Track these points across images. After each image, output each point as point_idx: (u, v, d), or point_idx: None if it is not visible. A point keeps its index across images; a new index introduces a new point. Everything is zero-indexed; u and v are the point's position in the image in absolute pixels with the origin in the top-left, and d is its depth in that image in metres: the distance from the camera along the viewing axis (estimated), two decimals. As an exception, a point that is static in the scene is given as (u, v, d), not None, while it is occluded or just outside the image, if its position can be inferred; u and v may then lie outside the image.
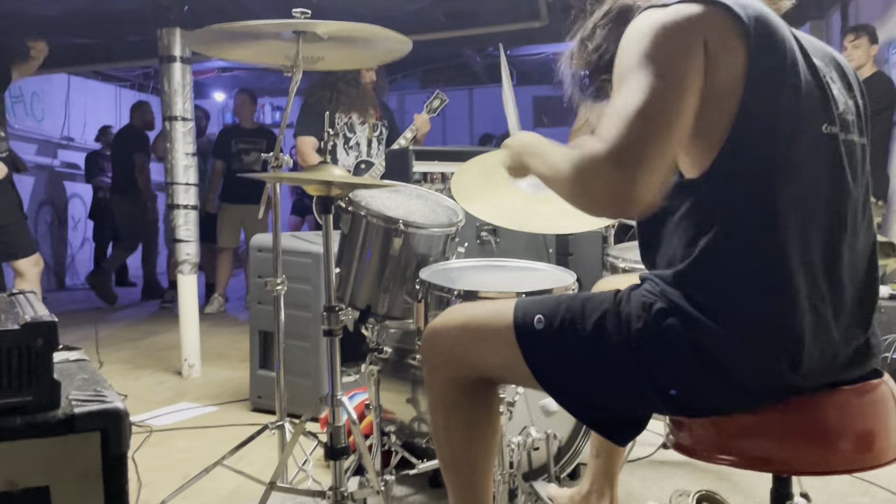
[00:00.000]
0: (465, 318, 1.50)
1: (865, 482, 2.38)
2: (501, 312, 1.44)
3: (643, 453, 2.58)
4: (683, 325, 1.22)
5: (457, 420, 1.54)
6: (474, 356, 1.47)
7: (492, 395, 1.57)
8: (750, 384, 1.22)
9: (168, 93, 3.98)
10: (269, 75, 8.11)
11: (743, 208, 1.21)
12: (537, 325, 1.37)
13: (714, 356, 1.21)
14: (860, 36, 4.47)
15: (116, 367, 4.28)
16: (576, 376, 1.36)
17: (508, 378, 1.54)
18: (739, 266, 1.21)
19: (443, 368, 1.52)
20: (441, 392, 1.54)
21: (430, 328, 1.55)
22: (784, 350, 1.20)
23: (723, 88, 1.20)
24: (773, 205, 1.20)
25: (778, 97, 1.21)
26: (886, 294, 3.46)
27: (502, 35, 5.44)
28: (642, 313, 1.27)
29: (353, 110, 4.03)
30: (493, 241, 3.28)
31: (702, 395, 1.25)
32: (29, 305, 1.48)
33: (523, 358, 1.38)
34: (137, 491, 2.25)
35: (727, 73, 1.20)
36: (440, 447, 1.60)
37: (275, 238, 2.29)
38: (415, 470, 2.15)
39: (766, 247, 1.21)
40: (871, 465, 1.24)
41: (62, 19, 5.19)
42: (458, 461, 1.57)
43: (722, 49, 1.20)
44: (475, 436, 1.55)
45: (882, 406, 1.27)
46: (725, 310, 1.21)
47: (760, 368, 1.21)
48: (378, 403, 2.20)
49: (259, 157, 6.28)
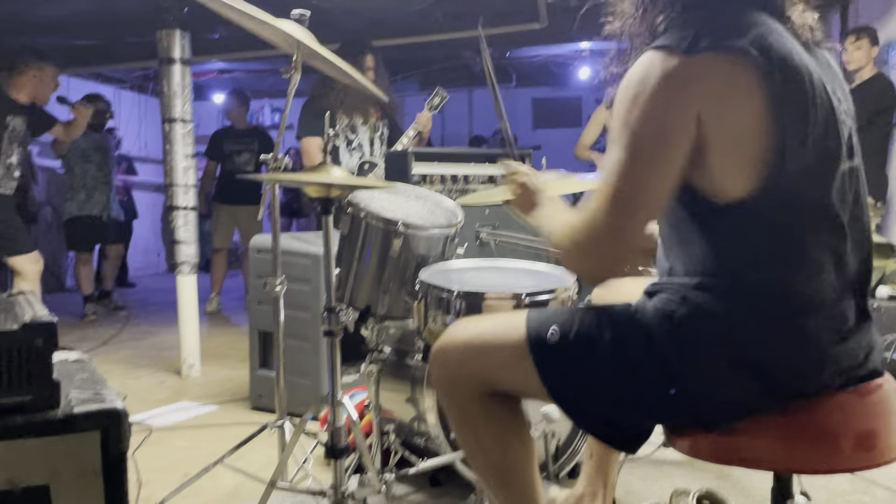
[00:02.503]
0: (470, 334, 1.48)
1: (866, 481, 2.38)
2: (511, 326, 1.43)
3: (643, 452, 2.57)
4: (712, 327, 1.24)
5: (486, 431, 1.49)
6: (485, 372, 1.45)
7: (511, 398, 1.52)
8: (782, 381, 1.23)
9: (167, 94, 3.98)
10: (268, 77, 8.11)
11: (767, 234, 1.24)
12: (551, 338, 1.36)
13: (746, 353, 1.23)
14: (861, 38, 4.48)
15: (116, 366, 4.28)
16: (590, 390, 1.35)
17: (519, 391, 1.49)
18: (766, 274, 1.24)
19: (456, 388, 1.49)
20: (461, 410, 1.50)
21: (437, 348, 1.52)
22: (812, 346, 1.23)
23: (741, 135, 1.20)
24: (802, 233, 1.24)
25: (805, 142, 1.21)
26: (886, 294, 3.47)
27: (502, 37, 5.45)
28: (664, 322, 1.28)
29: (355, 111, 4.02)
30: (492, 243, 3.28)
31: (731, 399, 1.25)
32: (29, 306, 1.48)
33: (537, 371, 1.37)
34: (137, 490, 2.24)
35: (743, 123, 1.20)
36: (479, 465, 1.54)
37: (274, 239, 2.29)
38: (414, 469, 2.15)
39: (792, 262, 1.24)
40: (872, 464, 1.25)
41: (62, 21, 5.19)
42: (502, 473, 1.51)
43: (732, 101, 1.20)
44: (510, 440, 1.50)
45: (883, 406, 1.27)
46: (753, 308, 1.23)
47: (792, 363, 1.23)
48: (378, 403, 2.21)
49: (251, 158, 6.32)
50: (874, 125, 4.35)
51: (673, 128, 1.21)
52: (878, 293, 3.50)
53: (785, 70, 1.21)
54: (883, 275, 3.62)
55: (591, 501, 1.94)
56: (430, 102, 3.93)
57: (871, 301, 3.35)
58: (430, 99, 3.93)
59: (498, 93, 1.85)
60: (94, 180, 6.23)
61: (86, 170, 6.20)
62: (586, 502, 1.94)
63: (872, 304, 3.24)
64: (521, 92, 9.08)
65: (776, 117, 1.19)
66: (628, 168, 1.23)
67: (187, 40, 4.02)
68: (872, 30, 4.54)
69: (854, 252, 1.29)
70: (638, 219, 1.25)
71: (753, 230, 1.24)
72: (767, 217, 1.23)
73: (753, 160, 1.20)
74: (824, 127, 1.24)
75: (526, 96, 10.17)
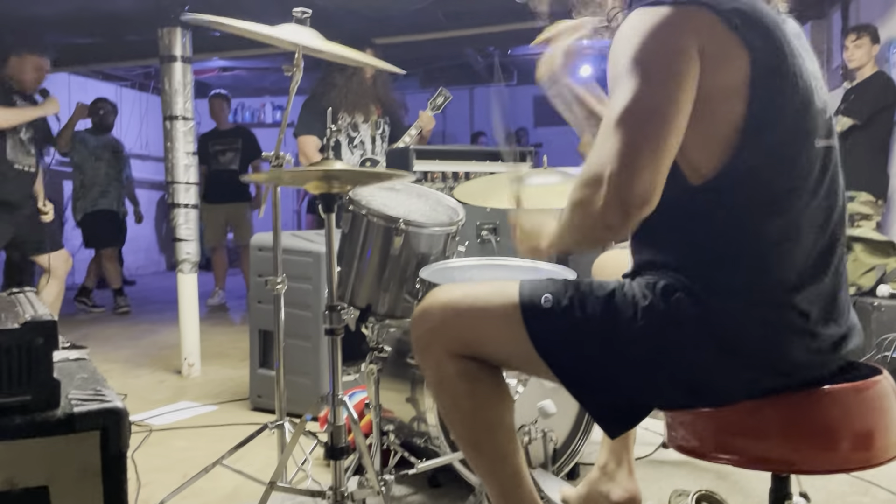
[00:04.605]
0: (455, 296, 1.47)
1: (865, 482, 2.38)
2: (502, 291, 1.42)
3: (643, 453, 2.58)
4: (689, 299, 1.25)
5: (462, 391, 1.46)
6: (468, 334, 1.43)
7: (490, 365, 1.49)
8: (760, 356, 1.24)
9: (169, 92, 3.99)
10: (270, 75, 8.10)
11: (743, 212, 1.24)
12: (545, 303, 1.36)
13: (725, 330, 1.23)
14: (862, 36, 4.48)
15: (116, 366, 4.28)
16: (582, 354, 1.34)
17: (504, 357, 1.46)
18: (741, 253, 1.25)
19: (435, 345, 1.46)
20: (438, 369, 1.47)
21: (418, 310, 1.51)
22: (789, 320, 1.23)
23: (723, 94, 1.21)
24: (775, 214, 1.23)
25: (783, 112, 1.23)
26: (887, 293, 3.46)
27: (502, 35, 5.44)
28: (647, 292, 1.29)
29: (357, 109, 4.02)
30: (493, 241, 3.28)
31: (711, 375, 1.26)
32: (29, 304, 1.48)
33: (528, 335, 1.36)
34: (137, 490, 2.24)
35: (727, 80, 1.21)
36: (455, 428, 1.52)
37: (275, 237, 2.29)
38: (414, 469, 2.15)
39: (769, 246, 1.24)
40: (871, 463, 1.25)
41: (63, 18, 5.19)
42: (477, 436, 1.49)
43: (721, 56, 1.20)
44: (486, 402, 1.47)
45: (881, 404, 1.27)
46: (729, 286, 1.24)
47: (769, 338, 1.23)
48: (378, 403, 2.20)
49: (235, 157, 6.42)
50: (875, 123, 4.35)
51: (680, 50, 1.20)
52: (878, 291, 3.49)
53: (768, 38, 1.22)
54: (884, 273, 3.62)
55: (616, 467, 1.94)
56: (432, 102, 3.93)
57: (872, 299, 3.38)
58: (432, 99, 3.92)
59: (508, 142, 1.84)
60: (107, 177, 6.32)
61: (97, 167, 6.28)
62: (611, 468, 1.94)
63: (873, 303, 3.26)
64: (523, 90, 9.06)
65: (757, 83, 1.20)
66: (644, 91, 1.18)
67: (188, 38, 4.02)
68: (873, 28, 4.54)
69: (825, 234, 1.29)
70: (659, 146, 1.16)
71: (723, 211, 1.25)
72: (736, 197, 1.23)
73: (729, 128, 1.21)
74: (802, 102, 1.25)
75: (527, 94, 10.15)
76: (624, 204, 1.16)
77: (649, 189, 1.16)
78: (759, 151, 1.22)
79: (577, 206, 1.24)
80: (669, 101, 1.18)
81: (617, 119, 1.19)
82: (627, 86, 1.19)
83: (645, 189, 1.15)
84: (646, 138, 1.17)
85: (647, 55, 1.20)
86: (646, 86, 1.18)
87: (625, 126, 1.18)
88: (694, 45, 1.20)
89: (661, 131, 1.17)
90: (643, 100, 1.18)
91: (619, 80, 1.21)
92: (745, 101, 1.21)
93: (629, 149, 1.16)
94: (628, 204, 1.16)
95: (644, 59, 1.20)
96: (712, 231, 1.27)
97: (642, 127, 1.18)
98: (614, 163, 1.16)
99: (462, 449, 1.56)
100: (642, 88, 1.18)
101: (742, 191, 1.24)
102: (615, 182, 1.16)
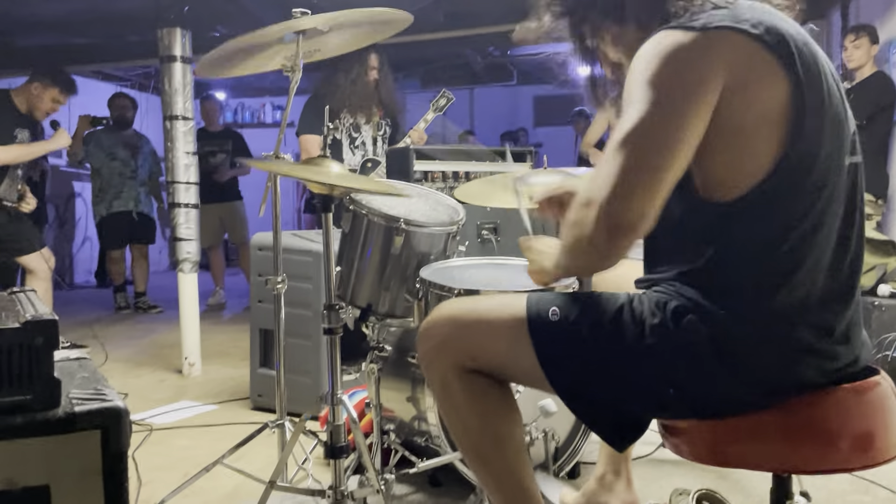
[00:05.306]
0: (461, 310, 1.47)
1: (865, 481, 2.38)
2: (509, 304, 1.42)
3: (643, 452, 2.58)
4: (702, 321, 1.23)
5: (469, 406, 1.45)
6: (474, 349, 1.43)
7: (496, 378, 1.48)
8: (769, 377, 1.23)
9: (168, 92, 3.99)
10: (270, 74, 8.04)
11: (771, 233, 1.22)
12: (552, 317, 1.35)
13: (735, 352, 1.22)
14: (861, 36, 4.47)
15: (117, 365, 4.28)
16: (587, 370, 1.33)
17: (509, 370, 1.45)
18: (757, 271, 1.23)
19: (438, 360, 1.46)
20: (444, 383, 1.46)
21: (425, 324, 1.51)
22: (806, 343, 1.23)
23: (759, 123, 1.19)
24: (801, 233, 1.22)
25: (821, 134, 1.21)
26: (887, 293, 3.46)
27: (502, 35, 5.43)
28: (657, 311, 1.27)
29: (359, 111, 4.02)
30: (493, 240, 3.28)
31: (721, 393, 1.25)
32: (30, 304, 1.48)
33: (534, 349, 1.35)
34: (137, 489, 2.25)
35: (764, 108, 1.19)
36: (462, 442, 1.51)
37: (275, 236, 2.29)
38: (414, 469, 2.15)
39: (787, 261, 1.23)
40: (871, 463, 1.25)
41: (63, 19, 5.19)
42: (485, 450, 1.47)
43: (756, 81, 1.18)
44: (494, 417, 1.46)
45: (881, 404, 1.27)
46: (744, 306, 1.23)
47: (784, 362, 1.23)
48: (378, 402, 2.20)
49: (226, 159, 6.50)
50: (875, 123, 4.34)
51: (699, 80, 1.17)
52: (878, 291, 3.49)
53: (802, 56, 1.20)
54: (884, 273, 3.61)
55: (614, 478, 1.93)
56: (435, 104, 3.93)
57: (872, 299, 3.38)
58: (435, 101, 3.93)
59: None
60: (120, 177, 6.31)
61: (112, 168, 6.26)
62: (609, 479, 1.93)
63: (873, 302, 3.26)
64: (523, 90, 9.08)
65: (798, 104, 1.18)
66: (650, 117, 1.16)
67: (188, 38, 4.02)
68: (872, 28, 4.54)
69: (846, 250, 1.28)
70: (656, 174, 1.15)
71: (744, 233, 1.23)
72: (761, 220, 1.22)
73: (769, 147, 1.19)
74: (834, 121, 1.24)
75: (528, 94, 10.15)
76: (611, 229, 1.15)
77: (638, 217, 1.14)
78: (792, 179, 1.20)
79: (571, 227, 1.23)
80: (676, 130, 1.16)
81: (620, 142, 1.17)
82: (637, 108, 1.17)
83: (634, 217, 1.14)
84: (642, 167, 1.15)
85: (661, 80, 1.17)
86: (655, 111, 1.16)
87: (625, 151, 1.16)
88: (719, 74, 1.17)
89: (661, 162, 1.15)
90: (648, 126, 1.16)
91: (632, 99, 1.19)
92: (783, 131, 1.18)
93: (625, 175, 1.15)
94: (615, 229, 1.15)
95: (658, 84, 1.17)
96: (731, 252, 1.24)
97: (644, 155, 1.16)
98: (607, 188, 1.15)
99: (469, 464, 1.54)
100: (651, 113, 1.16)
101: (768, 214, 1.21)
102: (605, 208, 1.14)
